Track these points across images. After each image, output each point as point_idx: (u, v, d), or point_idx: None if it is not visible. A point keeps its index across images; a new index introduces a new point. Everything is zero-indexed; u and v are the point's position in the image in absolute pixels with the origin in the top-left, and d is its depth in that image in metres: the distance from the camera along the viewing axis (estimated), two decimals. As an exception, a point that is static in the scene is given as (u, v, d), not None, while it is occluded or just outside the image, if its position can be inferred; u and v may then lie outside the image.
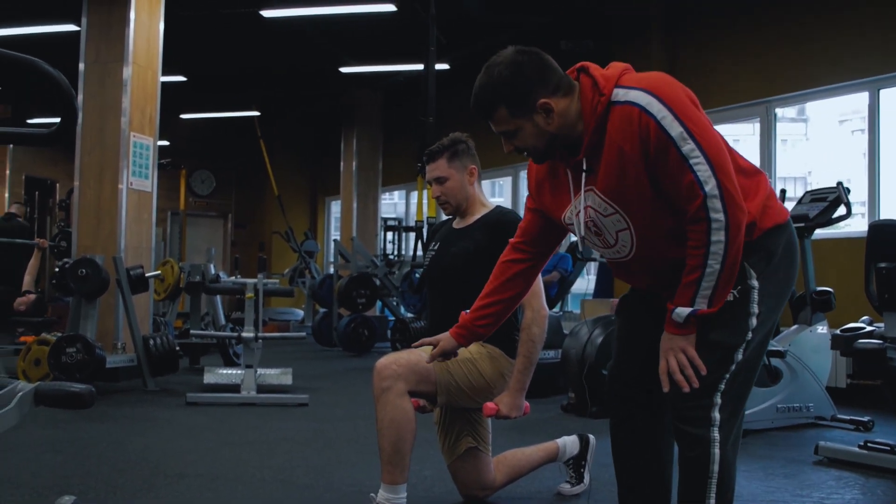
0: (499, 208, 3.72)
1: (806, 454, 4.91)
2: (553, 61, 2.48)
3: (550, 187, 2.65)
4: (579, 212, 2.54)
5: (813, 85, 8.69)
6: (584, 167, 2.47)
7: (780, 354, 5.65)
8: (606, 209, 2.47)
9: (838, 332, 5.14)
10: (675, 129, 2.29)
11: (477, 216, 3.70)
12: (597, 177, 2.44)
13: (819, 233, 6.85)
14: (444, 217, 4.03)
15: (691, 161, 2.28)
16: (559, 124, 2.44)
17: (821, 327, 6.26)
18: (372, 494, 3.26)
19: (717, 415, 2.40)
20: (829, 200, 6.15)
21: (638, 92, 2.35)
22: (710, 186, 2.27)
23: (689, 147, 2.28)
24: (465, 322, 2.97)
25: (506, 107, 2.44)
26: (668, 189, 2.36)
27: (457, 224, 3.78)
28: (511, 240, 2.91)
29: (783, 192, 7.01)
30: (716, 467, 2.39)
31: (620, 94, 2.37)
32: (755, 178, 2.51)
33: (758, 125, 9.47)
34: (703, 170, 2.28)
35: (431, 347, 3.09)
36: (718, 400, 2.41)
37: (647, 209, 2.42)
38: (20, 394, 2.20)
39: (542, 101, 2.41)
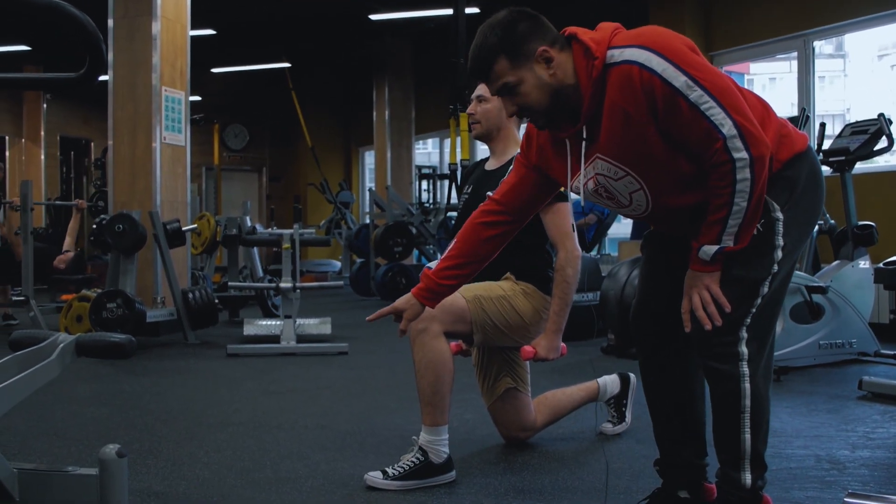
0: (531, 148, 3.68)
1: (849, 390, 4.87)
2: (547, 20, 2.44)
3: (553, 153, 2.61)
4: (587, 181, 2.51)
5: (852, 15, 8.50)
6: (584, 136, 2.43)
7: (822, 290, 5.57)
8: (617, 173, 2.43)
9: (881, 265, 5.08)
10: (678, 79, 2.24)
11: (509, 156, 3.65)
12: (599, 143, 2.40)
13: (860, 166, 6.74)
14: (478, 160, 3.99)
15: (702, 107, 2.23)
16: (561, 78, 2.39)
17: (863, 262, 6.18)
18: (414, 437, 3.27)
19: (744, 349, 2.38)
20: (871, 133, 6.03)
21: (633, 49, 2.29)
22: (728, 128, 2.23)
23: (696, 94, 2.23)
24: (429, 284, 2.86)
25: (506, 56, 2.39)
26: (684, 140, 2.31)
27: (489, 165, 3.75)
28: (491, 196, 2.83)
29: (822, 125, 6.89)
30: (748, 402, 2.38)
31: (616, 55, 2.31)
32: (763, 112, 2.45)
33: (794, 63, 9.30)
34: (715, 113, 2.23)
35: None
36: (745, 334, 2.38)
37: (658, 165, 2.38)
38: (61, 345, 2.22)
39: (542, 48, 2.37)
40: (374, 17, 13.43)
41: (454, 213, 10.99)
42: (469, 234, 2.83)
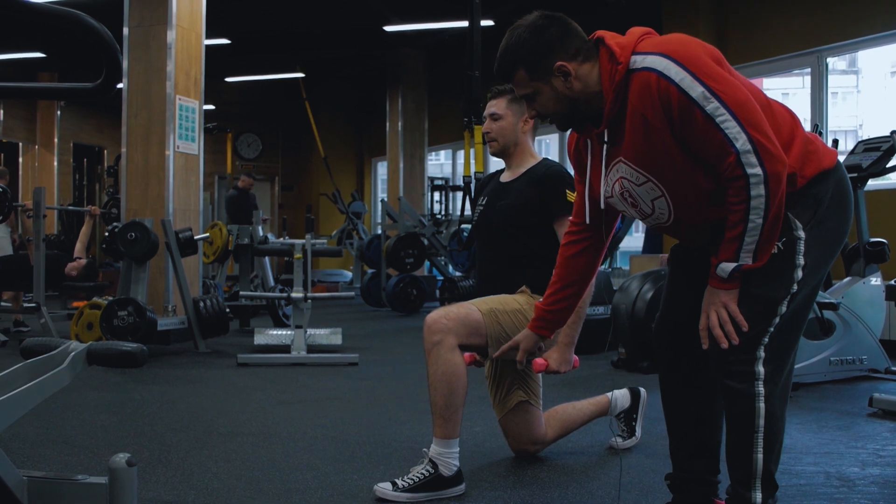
0: (545, 161, 3.69)
1: (860, 406, 4.85)
2: (577, 26, 2.46)
3: (588, 161, 2.61)
4: (613, 184, 2.51)
5: (865, 32, 8.49)
6: (606, 138, 2.45)
7: (833, 307, 5.56)
8: (638, 178, 2.44)
9: (893, 282, 5.06)
10: (695, 89, 2.23)
11: (524, 169, 3.67)
12: (622, 147, 2.41)
13: (872, 183, 6.72)
14: (491, 172, 4.00)
15: (717, 119, 2.23)
16: (579, 89, 2.42)
17: (874, 279, 6.15)
18: (424, 449, 3.26)
19: (760, 369, 2.37)
20: (883, 150, 6.01)
21: (655, 57, 2.30)
22: (742, 142, 2.22)
23: (712, 106, 2.23)
24: (540, 314, 2.94)
25: (524, 69, 2.45)
26: (699, 151, 2.31)
27: (504, 178, 3.75)
28: (570, 219, 2.85)
29: (835, 142, 6.88)
30: (761, 422, 2.37)
31: (638, 61, 2.32)
32: (792, 125, 2.44)
33: (808, 78, 9.28)
34: (730, 126, 2.22)
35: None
36: (762, 354, 2.37)
37: (678, 174, 2.38)
38: (73, 353, 2.21)
39: (560, 63, 2.40)
40: (388, 28, 13.45)
41: (467, 226, 11.00)
42: (561, 258, 2.87)
